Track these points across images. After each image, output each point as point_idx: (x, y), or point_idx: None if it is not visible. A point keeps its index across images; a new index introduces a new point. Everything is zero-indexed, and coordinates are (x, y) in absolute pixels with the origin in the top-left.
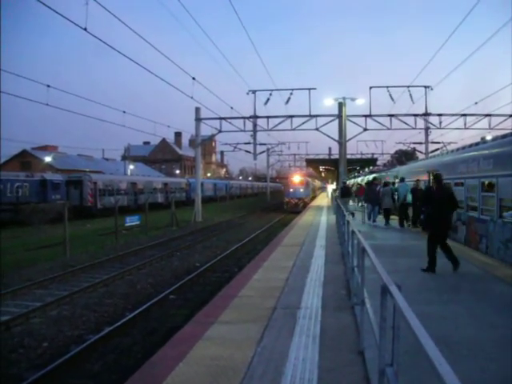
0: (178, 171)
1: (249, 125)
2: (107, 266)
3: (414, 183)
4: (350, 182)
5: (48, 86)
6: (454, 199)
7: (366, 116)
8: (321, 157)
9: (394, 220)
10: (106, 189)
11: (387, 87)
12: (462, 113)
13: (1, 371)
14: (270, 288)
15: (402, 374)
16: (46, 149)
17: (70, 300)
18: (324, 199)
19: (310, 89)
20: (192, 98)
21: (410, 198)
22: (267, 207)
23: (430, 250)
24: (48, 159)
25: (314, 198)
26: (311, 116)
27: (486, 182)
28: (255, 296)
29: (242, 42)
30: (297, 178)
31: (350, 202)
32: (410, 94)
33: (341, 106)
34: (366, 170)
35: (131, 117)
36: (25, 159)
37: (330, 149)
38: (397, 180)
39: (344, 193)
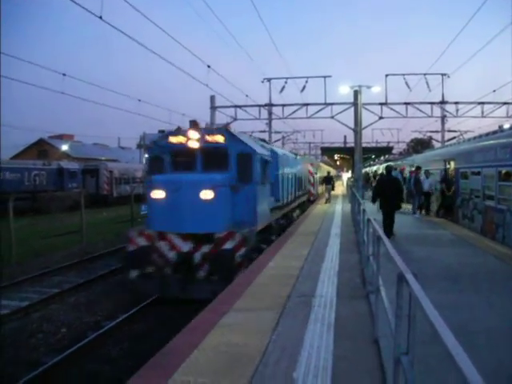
0: None
1: (264, 113)
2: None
3: (442, 172)
4: (367, 170)
5: (64, 74)
6: (400, 186)
7: (381, 104)
8: (336, 145)
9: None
10: (121, 177)
11: (403, 75)
12: (480, 101)
13: (20, 356)
14: (285, 276)
15: (418, 363)
16: (62, 137)
17: (88, 287)
18: (339, 187)
19: (325, 76)
20: (207, 86)
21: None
22: None
23: (383, 222)
24: (65, 148)
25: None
26: (326, 104)
27: (504, 171)
28: (270, 284)
29: (257, 29)
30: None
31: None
32: (427, 82)
33: (356, 93)
34: (382, 158)
35: (146, 105)
36: (42, 148)
37: (345, 137)
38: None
39: (325, 180)
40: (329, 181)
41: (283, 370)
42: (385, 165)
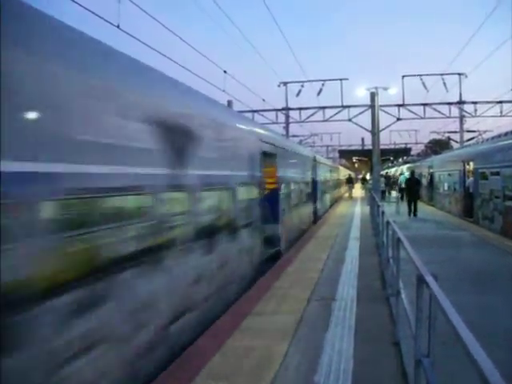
0: None
1: (281, 117)
2: None
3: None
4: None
5: None
6: (419, 184)
7: (399, 105)
8: (354, 147)
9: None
10: None
11: (420, 75)
12: (498, 100)
13: None
14: (304, 279)
15: (438, 366)
16: None
17: None
18: (358, 190)
19: (341, 79)
20: (224, 91)
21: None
22: None
23: (408, 206)
24: None
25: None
26: (343, 107)
27: None
28: (290, 287)
29: (272, 33)
30: None
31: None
32: (444, 82)
33: (373, 95)
34: (400, 160)
35: None
36: None
37: (362, 139)
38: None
39: (348, 180)
40: (350, 181)
41: (304, 373)
42: (408, 168)
